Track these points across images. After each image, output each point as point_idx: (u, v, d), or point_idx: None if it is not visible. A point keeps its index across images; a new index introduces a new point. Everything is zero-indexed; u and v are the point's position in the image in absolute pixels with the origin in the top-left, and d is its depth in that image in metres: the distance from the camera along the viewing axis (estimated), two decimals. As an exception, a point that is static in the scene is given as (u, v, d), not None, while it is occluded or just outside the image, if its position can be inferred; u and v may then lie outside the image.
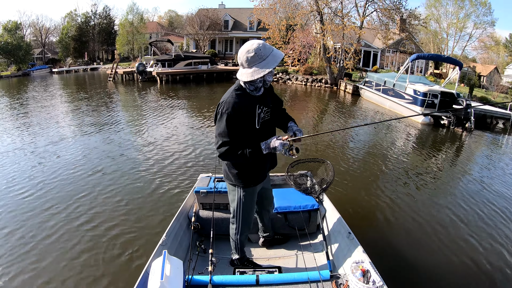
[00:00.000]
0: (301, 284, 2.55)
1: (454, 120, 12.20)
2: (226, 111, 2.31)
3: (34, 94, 20.23)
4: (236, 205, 2.76)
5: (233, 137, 2.36)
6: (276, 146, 2.38)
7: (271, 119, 2.65)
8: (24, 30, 49.44)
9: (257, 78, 2.26)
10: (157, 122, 11.40)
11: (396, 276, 3.46)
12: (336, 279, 2.57)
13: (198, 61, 28.68)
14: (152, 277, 2.24)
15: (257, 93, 2.45)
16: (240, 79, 2.38)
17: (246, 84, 2.39)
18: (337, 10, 21.82)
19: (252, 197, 2.77)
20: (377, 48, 31.05)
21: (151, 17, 67.36)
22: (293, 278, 2.59)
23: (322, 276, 2.57)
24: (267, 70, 2.24)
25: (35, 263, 3.72)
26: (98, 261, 3.75)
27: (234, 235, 2.90)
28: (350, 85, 21.38)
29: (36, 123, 11.20)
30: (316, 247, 3.39)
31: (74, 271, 3.57)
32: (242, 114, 2.35)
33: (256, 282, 2.56)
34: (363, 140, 9.96)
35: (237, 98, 2.35)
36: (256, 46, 2.23)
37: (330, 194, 4.10)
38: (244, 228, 2.86)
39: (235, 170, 2.62)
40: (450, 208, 5.39)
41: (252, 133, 2.46)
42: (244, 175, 2.63)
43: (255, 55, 2.23)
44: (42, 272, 3.58)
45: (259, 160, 2.54)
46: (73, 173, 6.43)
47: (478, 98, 18.35)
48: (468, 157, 9.16)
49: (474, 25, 35.13)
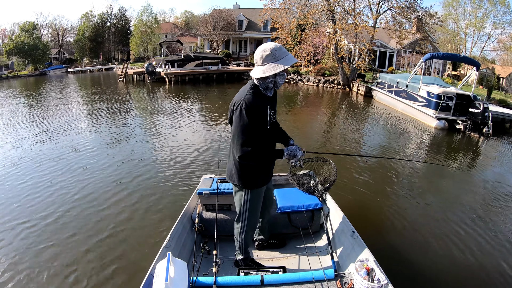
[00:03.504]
0: (305, 283, 2.54)
1: (470, 125, 11.41)
2: (245, 108, 2.37)
3: (50, 93, 20.71)
4: (243, 205, 2.77)
5: (253, 135, 2.42)
6: (297, 154, 2.60)
7: (275, 122, 2.75)
8: (41, 31, 50.44)
9: (268, 75, 2.37)
10: (160, 123, 11.34)
11: (401, 274, 3.44)
12: (340, 278, 2.57)
13: (208, 62, 28.49)
14: (156, 279, 2.24)
15: (269, 93, 2.54)
16: (253, 76, 2.48)
17: (259, 81, 2.48)
18: (349, 8, 21.18)
19: (259, 198, 2.80)
20: (393, 49, 30.14)
21: (168, 17, 68.02)
22: (298, 278, 2.59)
23: (327, 275, 2.56)
24: (278, 69, 2.34)
25: (36, 262, 3.77)
26: (102, 264, 3.76)
27: (239, 235, 2.92)
28: (363, 87, 20.71)
29: (47, 122, 11.23)
30: (320, 247, 3.39)
31: (78, 273, 3.60)
32: (258, 112, 2.43)
33: (260, 283, 2.55)
34: (372, 142, 9.74)
35: (253, 96, 2.43)
36: (273, 47, 2.37)
37: (333, 193, 4.07)
38: (249, 228, 2.89)
39: (243, 172, 2.63)
40: (458, 211, 5.26)
41: (264, 132, 2.52)
42: (253, 177, 2.66)
43: (270, 54, 2.36)
44: (43, 271, 3.61)
45: (270, 163, 2.67)
46: (68, 173, 6.48)
47: (496, 101, 17.40)
48: (484, 164, 8.49)
49: (493, 25, 33.95)
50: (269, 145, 2.62)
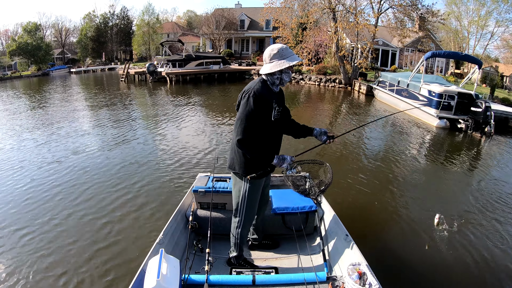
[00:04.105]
0: (297, 285, 2.56)
1: (472, 124, 11.25)
2: (253, 96, 2.55)
3: (52, 94, 20.81)
4: (241, 197, 2.82)
5: (255, 122, 2.56)
6: (286, 159, 2.70)
7: (281, 119, 2.80)
8: (44, 31, 50.64)
9: (275, 71, 2.61)
10: (158, 122, 11.35)
11: (393, 279, 3.40)
12: (332, 281, 2.58)
13: (209, 61, 28.44)
14: (148, 276, 2.26)
15: (275, 89, 2.73)
16: (261, 72, 2.72)
17: (267, 77, 2.70)
18: (350, 7, 21.03)
19: (257, 190, 2.84)
20: (396, 47, 29.95)
21: (170, 17, 67.99)
22: (290, 279, 2.61)
23: (319, 278, 2.58)
24: (284, 65, 2.56)
25: (33, 258, 3.78)
26: (94, 259, 3.76)
27: (235, 229, 2.93)
28: (364, 85, 20.58)
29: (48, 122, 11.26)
30: (313, 249, 3.39)
31: (70, 268, 3.60)
32: (265, 102, 2.59)
33: (252, 283, 2.57)
34: (373, 141, 9.66)
35: (262, 87, 2.63)
36: (280, 47, 2.63)
37: (328, 196, 4.06)
38: (246, 222, 2.91)
39: (244, 159, 2.72)
40: (456, 215, 5.10)
41: (268, 125, 2.66)
42: (253, 165, 2.72)
43: (277, 52, 2.60)
44: (39, 267, 3.62)
45: (269, 155, 2.71)
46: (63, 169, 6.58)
47: (500, 100, 17.20)
48: (486, 164, 8.34)
49: (496, 23, 33.39)
50: (271, 139, 2.76)
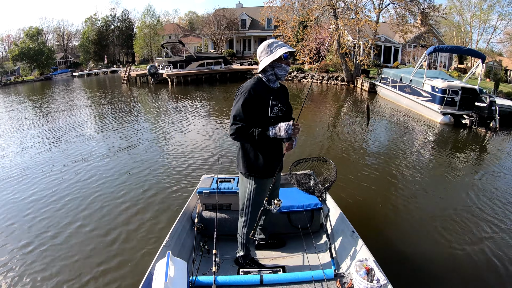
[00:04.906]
0: (305, 283, 2.55)
1: (476, 119, 11.09)
2: (244, 93, 2.59)
3: (56, 98, 21.01)
4: (247, 197, 2.86)
5: (246, 117, 2.57)
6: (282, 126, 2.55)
7: (284, 116, 2.79)
8: (46, 36, 50.89)
9: (266, 66, 2.63)
10: (160, 124, 11.36)
11: (401, 274, 3.40)
12: (340, 278, 2.58)
13: (211, 62, 28.40)
14: (156, 279, 2.25)
15: (272, 85, 2.73)
16: (257, 71, 2.76)
17: (262, 74, 2.72)
18: (351, 4, 20.86)
19: (263, 191, 2.83)
20: (398, 43, 29.70)
21: (172, 19, 68.03)
22: (297, 278, 2.60)
23: (326, 275, 2.57)
24: (269, 60, 2.58)
25: (39, 263, 3.78)
26: (102, 263, 3.75)
27: (241, 229, 2.95)
28: (367, 82, 20.44)
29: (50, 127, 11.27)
30: (319, 246, 3.39)
31: (77, 272, 3.60)
32: (258, 98, 2.60)
33: (260, 282, 2.57)
34: (376, 139, 9.62)
35: (255, 84, 2.64)
36: (267, 43, 2.64)
37: (333, 193, 4.04)
38: (252, 221, 2.91)
39: (247, 158, 2.76)
40: (462, 211, 5.07)
41: (264, 120, 2.65)
42: (256, 164, 2.75)
43: (264, 50, 2.64)
44: (44, 271, 3.63)
45: (266, 150, 2.73)
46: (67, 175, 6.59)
47: (504, 94, 16.96)
48: (491, 159, 8.17)
49: (499, 16, 32.96)
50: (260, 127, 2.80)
